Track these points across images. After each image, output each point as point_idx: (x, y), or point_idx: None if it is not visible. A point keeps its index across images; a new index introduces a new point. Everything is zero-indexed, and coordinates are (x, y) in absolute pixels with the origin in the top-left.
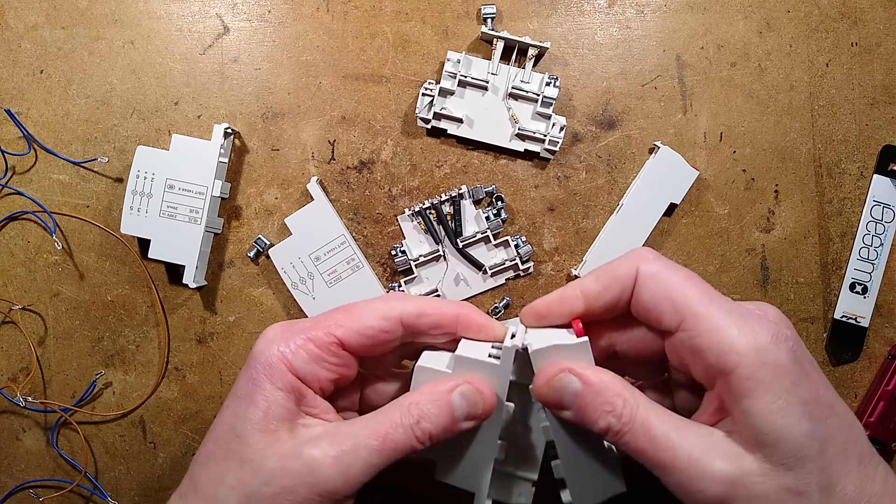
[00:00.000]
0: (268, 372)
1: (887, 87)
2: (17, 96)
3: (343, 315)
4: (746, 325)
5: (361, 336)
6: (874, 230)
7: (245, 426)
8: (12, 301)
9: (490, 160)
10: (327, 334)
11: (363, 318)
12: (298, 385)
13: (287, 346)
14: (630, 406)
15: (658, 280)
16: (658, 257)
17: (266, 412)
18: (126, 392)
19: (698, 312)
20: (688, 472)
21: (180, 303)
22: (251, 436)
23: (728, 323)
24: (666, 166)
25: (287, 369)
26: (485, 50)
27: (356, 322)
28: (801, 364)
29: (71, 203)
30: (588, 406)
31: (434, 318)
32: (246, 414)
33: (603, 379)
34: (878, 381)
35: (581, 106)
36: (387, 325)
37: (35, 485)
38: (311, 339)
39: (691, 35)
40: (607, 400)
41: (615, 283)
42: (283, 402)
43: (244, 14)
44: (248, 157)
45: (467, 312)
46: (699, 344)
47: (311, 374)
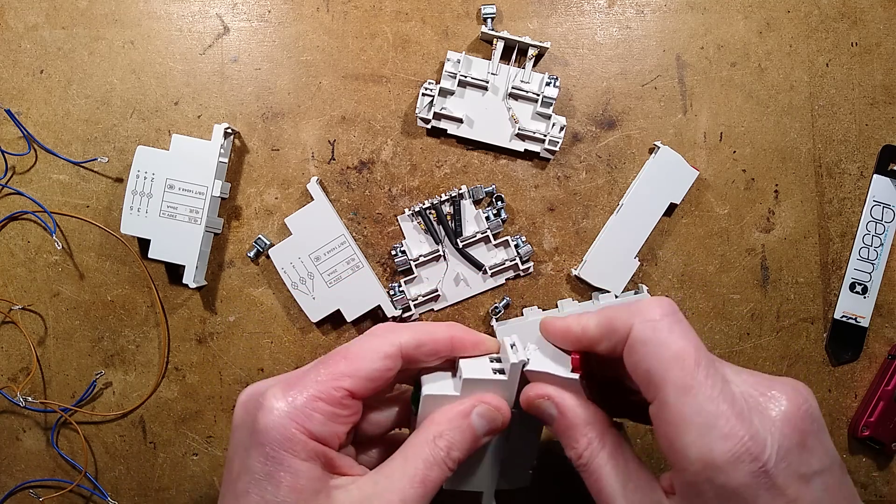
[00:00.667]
0: (287, 446)
1: (887, 87)
2: (17, 96)
3: (346, 363)
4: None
5: (369, 381)
6: (874, 230)
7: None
8: (12, 301)
9: (490, 160)
10: (336, 388)
11: (367, 362)
12: (321, 450)
13: (299, 412)
14: (592, 450)
15: (646, 348)
16: (662, 318)
17: (297, 490)
18: (126, 392)
19: (667, 401)
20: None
21: (180, 303)
22: None
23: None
24: (666, 166)
25: (307, 437)
26: (485, 50)
27: (361, 369)
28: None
29: (71, 203)
30: (560, 433)
31: (431, 346)
32: (277, 498)
33: (577, 415)
34: (878, 381)
35: (581, 106)
36: (390, 363)
37: (35, 485)
38: (320, 398)
39: (691, 35)
40: (574, 437)
41: (611, 334)
42: (310, 474)
43: (244, 14)
44: (248, 157)
45: (459, 334)
46: (659, 431)
47: (330, 433)
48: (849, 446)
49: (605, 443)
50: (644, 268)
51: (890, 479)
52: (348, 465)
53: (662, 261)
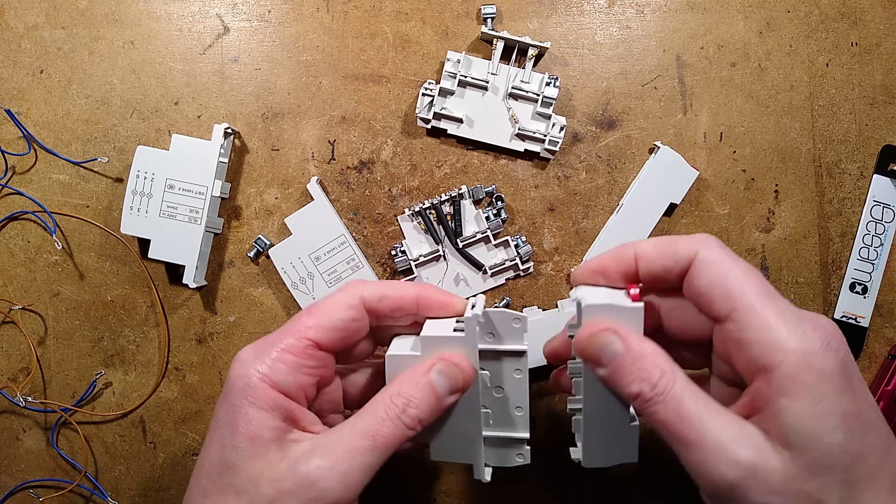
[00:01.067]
0: (247, 394)
1: (887, 87)
2: (17, 96)
3: (308, 316)
4: (798, 327)
5: (334, 331)
6: (874, 230)
7: (234, 456)
8: (12, 301)
9: (490, 160)
10: (300, 339)
11: (330, 312)
12: (283, 401)
13: (263, 363)
14: (667, 379)
15: (717, 267)
16: (722, 246)
17: (252, 437)
18: (126, 392)
19: (751, 305)
20: (711, 453)
21: (180, 303)
22: (242, 465)
23: (780, 321)
24: (666, 166)
25: (269, 387)
26: (485, 50)
27: (324, 319)
28: (848, 376)
29: (71, 203)
30: (624, 369)
31: (394, 300)
32: (233, 443)
33: (645, 347)
34: (878, 381)
35: (581, 106)
36: (354, 312)
37: (35, 485)
38: (285, 349)
39: (691, 35)
40: (645, 367)
41: (671, 256)
42: (267, 423)
43: (244, 14)
44: (248, 157)
45: (426, 292)
46: (746, 337)
47: (294, 384)
48: None
49: (676, 372)
50: None
51: None
52: (311, 423)
53: None
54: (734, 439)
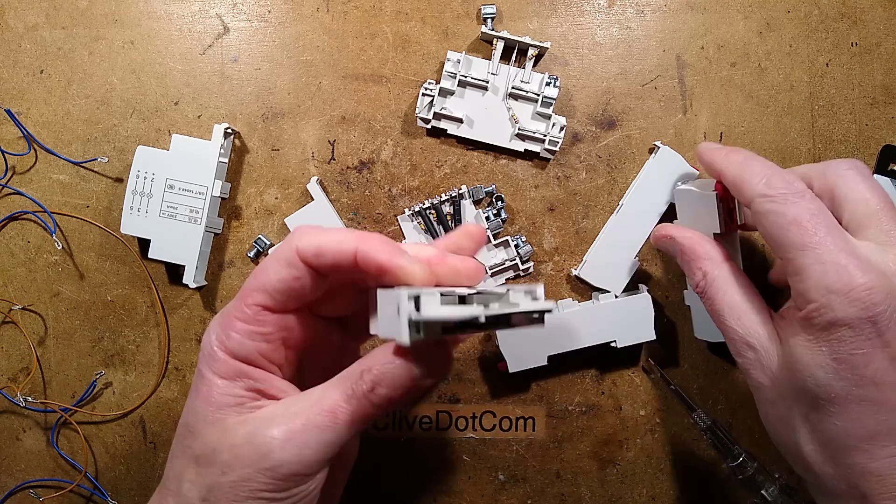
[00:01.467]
0: (208, 362)
1: (887, 87)
2: (17, 96)
3: (253, 279)
4: None
5: (276, 292)
6: None
7: (194, 420)
8: (12, 301)
9: (490, 160)
10: (248, 305)
11: (269, 273)
12: (243, 368)
13: (222, 330)
14: (708, 279)
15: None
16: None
17: (209, 402)
18: (126, 392)
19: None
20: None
21: (180, 303)
22: (201, 429)
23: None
24: (666, 166)
25: (227, 355)
26: (485, 50)
27: (265, 280)
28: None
29: (71, 203)
30: (684, 264)
31: (331, 258)
32: (194, 407)
33: (696, 250)
34: None
35: (581, 106)
36: (293, 270)
37: (35, 485)
38: (237, 317)
39: (691, 35)
40: (692, 268)
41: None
42: (225, 390)
43: (244, 14)
44: (248, 157)
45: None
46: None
47: (252, 350)
48: None
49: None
50: (644, 268)
51: None
52: (281, 390)
53: (662, 261)
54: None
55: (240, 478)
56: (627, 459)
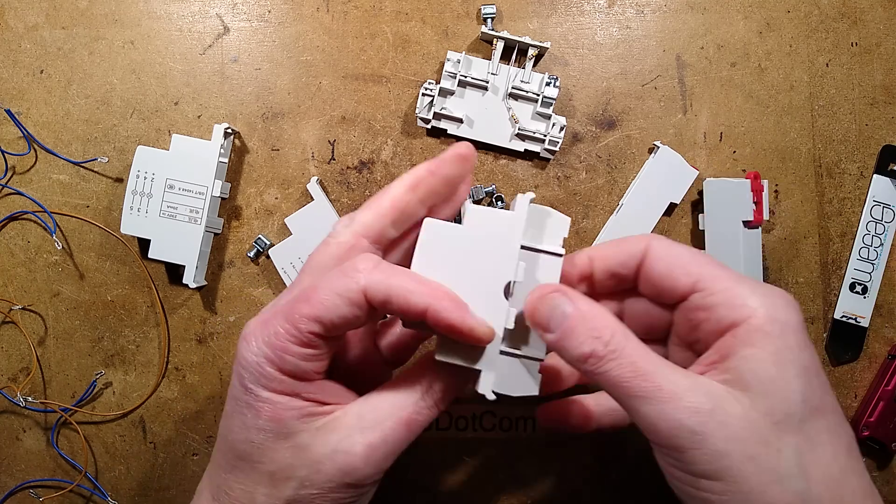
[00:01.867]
0: (263, 382)
1: (887, 87)
2: (17, 96)
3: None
4: (760, 289)
5: (334, 327)
6: (874, 230)
7: (260, 437)
8: (12, 301)
9: (490, 160)
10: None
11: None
12: (299, 385)
13: (272, 351)
14: (619, 337)
15: (672, 251)
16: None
17: (276, 419)
18: (126, 392)
19: (715, 274)
20: (669, 402)
21: (180, 303)
22: (271, 445)
23: (743, 285)
24: (666, 166)
25: (278, 371)
26: (485, 50)
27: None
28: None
29: (71, 203)
30: (574, 330)
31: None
32: (257, 425)
33: (594, 307)
34: (878, 381)
35: (581, 106)
36: (356, 310)
37: (35, 485)
38: (292, 340)
39: (691, 35)
40: (596, 327)
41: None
42: (287, 404)
43: (244, 14)
44: (248, 157)
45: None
46: (713, 301)
47: (300, 370)
48: None
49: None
50: None
51: (890, 479)
52: (332, 394)
53: None
54: (692, 388)
55: (322, 490)
56: (628, 459)
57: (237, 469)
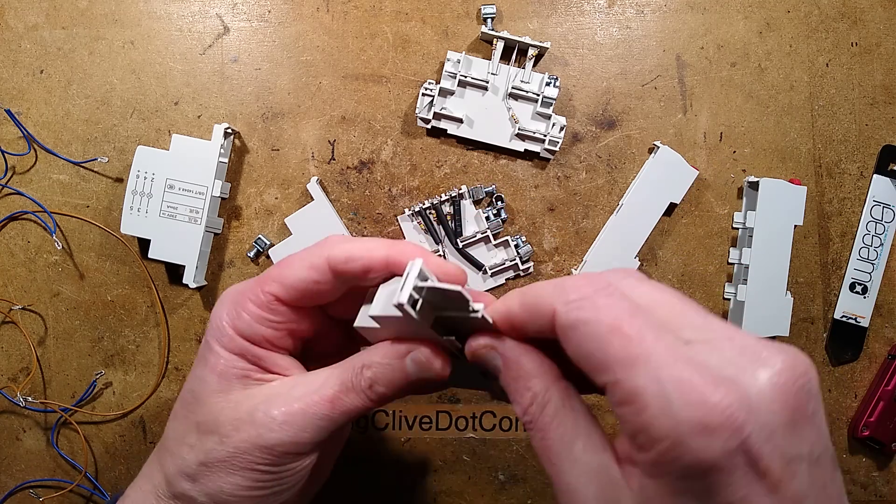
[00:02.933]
0: (217, 336)
1: (887, 87)
2: (17, 96)
3: (277, 270)
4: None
5: (294, 290)
6: (874, 230)
7: (201, 387)
8: (12, 301)
9: (490, 160)
10: (264, 293)
11: (292, 270)
12: (248, 347)
13: (233, 308)
14: (536, 405)
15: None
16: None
17: (219, 374)
18: (126, 392)
19: (618, 378)
20: (566, 494)
21: (180, 303)
22: (207, 397)
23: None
24: (666, 166)
25: (235, 333)
26: (485, 50)
27: (287, 276)
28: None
29: (71, 203)
30: (506, 385)
31: (362, 263)
32: (202, 376)
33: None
34: (878, 381)
35: (581, 106)
36: (316, 274)
37: (35, 485)
38: (251, 299)
39: (691, 35)
40: (518, 390)
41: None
42: (233, 363)
43: (244, 14)
44: (248, 157)
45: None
46: (617, 413)
47: (255, 334)
48: (849, 446)
49: (550, 397)
50: (644, 268)
51: (890, 479)
52: (285, 368)
53: (662, 261)
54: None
55: (237, 450)
56: None
57: (176, 417)
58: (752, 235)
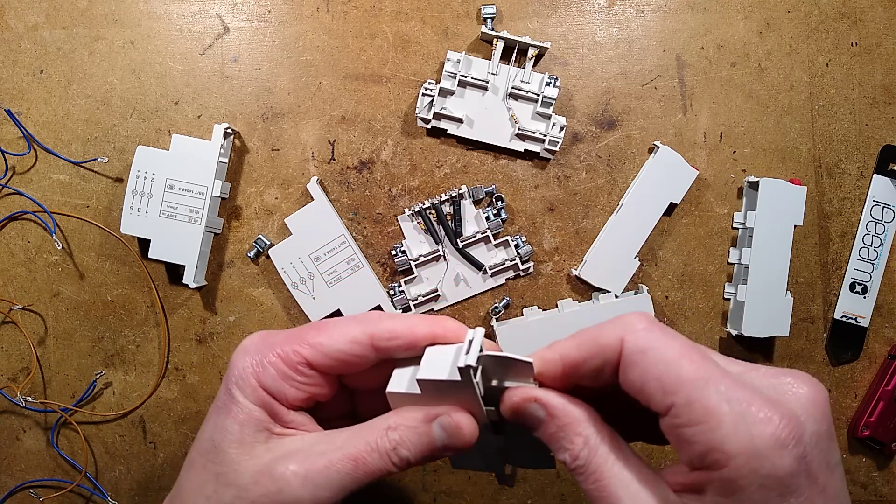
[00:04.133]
0: (240, 385)
1: (887, 87)
2: (17, 96)
3: (314, 333)
4: (744, 422)
5: (329, 358)
6: (874, 230)
7: (222, 438)
8: (12, 301)
9: (490, 160)
10: (295, 353)
11: (333, 340)
12: (269, 400)
13: (258, 360)
14: (589, 448)
15: (647, 357)
16: (650, 326)
17: (241, 424)
18: (126, 392)
19: (690, 398)
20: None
21: (180, 303)
22: (228, 448)
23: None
24: (666, 166)
25: (258, 384)
26: (485, 50)
27: (325, 343)
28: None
29: (71, 203)
30: (550, 436)
31: (405, 341)
32: (223, 425)
33: (569, 412)
34: (878, 381)
35: (581, 106)
36: (357, 349)
37: (35, 485)
38: (280, 355)
39: (691, 35)
40: (567, 437)
41: (599, 352)
42: (257, 416)
43: (244, 14)
44: (248, 157)
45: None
46: (686, 435)
47: (278, 391)
48: (849, 446)
49: (602, 439)
50: (644, 268)
51: (890, 479)
52: (301, 423)
53: (662, 261)
54: None
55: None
56: None
57: (194, 467)
58: (752, 235)
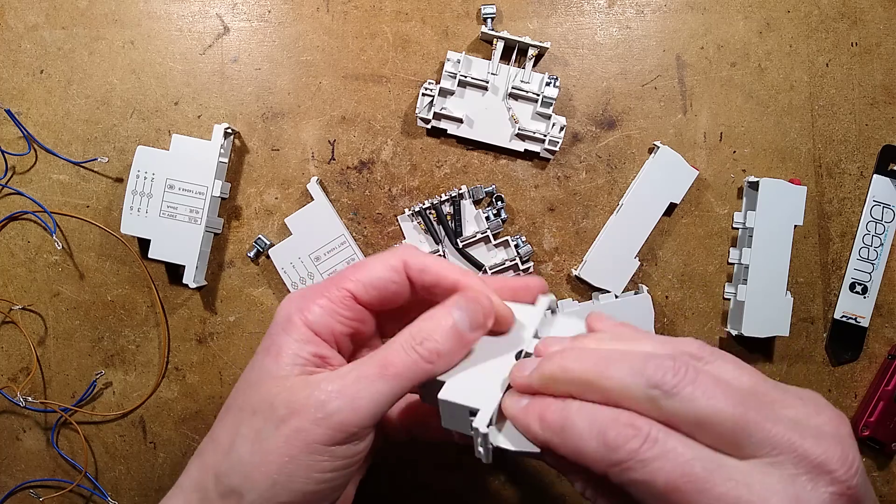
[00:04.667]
0: (284, 327)
1: (887, 87)
2: (17, 96)
3: (353, 270)
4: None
5: (371, 287)
6: (874, 230)
7: (258, 376)
8: (12, 301)
9: (490, 160)
10: (339, 289)
11: (371, 269)
12: (313, 337)
13: (304, 303)
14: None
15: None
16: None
17: (277, 360)
18: (126, 392)
19: None
20: None
21: (180, 303)
22: (263, 384)
23: None
24: (666, 166)
25: (303, 323)
26: (485, 50)
27: (365, 274)
28: None
29: (71, 203)
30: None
31: (434, 276)
32: (260, 364)
33: None
34: (878, 381)
35: (581, 106)
36: (394, 275)
37: (35, 485)
38: (325, 295)
39: (691, 35)
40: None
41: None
42: (296, 350)
43: (244, 14)
44: (248, 157)
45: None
46: None
47: (325, 326)
48: None
49: None
50: (644, 268)
51: (890, 479)
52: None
53: (662, 261)
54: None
55: (294, 430)
56: None
57: (228, 411)
58: (752, 235)
